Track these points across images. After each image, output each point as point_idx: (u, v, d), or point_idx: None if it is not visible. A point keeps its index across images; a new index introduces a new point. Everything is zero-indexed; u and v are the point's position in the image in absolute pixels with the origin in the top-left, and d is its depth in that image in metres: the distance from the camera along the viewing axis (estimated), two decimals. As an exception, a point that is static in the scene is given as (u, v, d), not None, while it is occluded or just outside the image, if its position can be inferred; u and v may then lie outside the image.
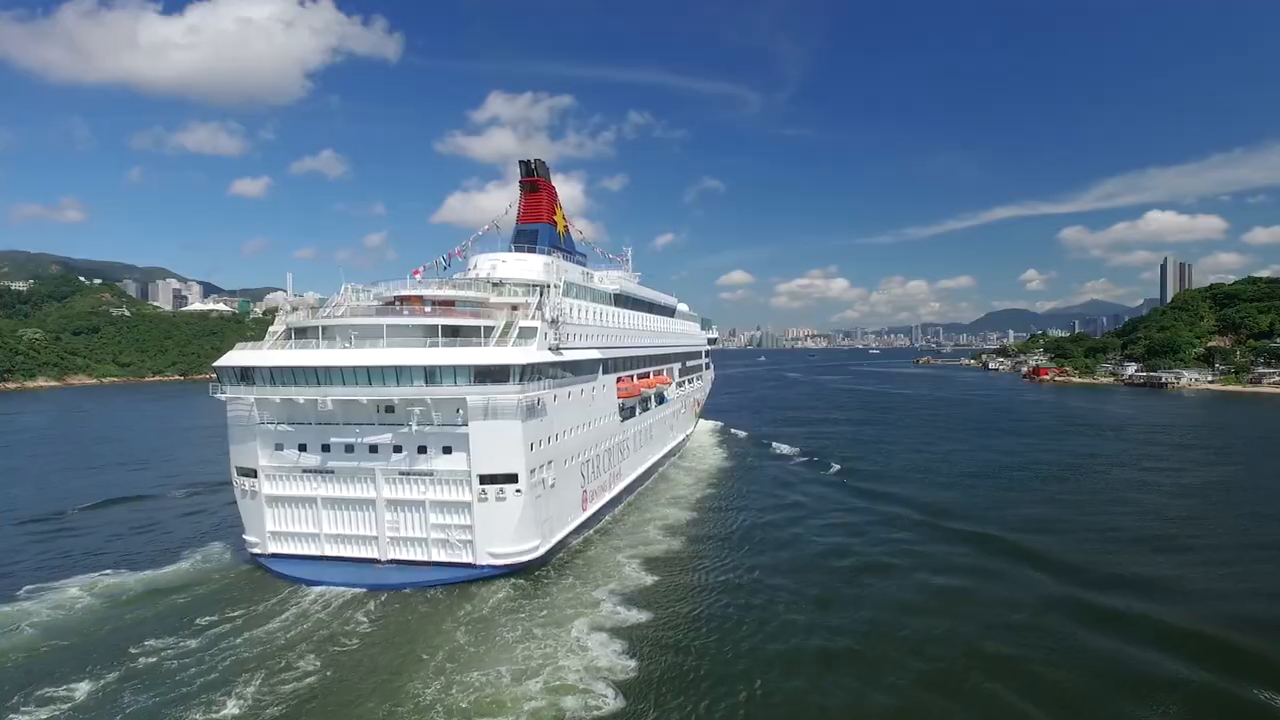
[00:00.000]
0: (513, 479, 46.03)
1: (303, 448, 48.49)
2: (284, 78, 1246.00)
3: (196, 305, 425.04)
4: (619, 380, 68.50)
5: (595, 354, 60.56)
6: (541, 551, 48.18)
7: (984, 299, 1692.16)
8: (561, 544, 51.52)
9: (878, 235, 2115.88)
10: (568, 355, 53.34)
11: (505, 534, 46.28)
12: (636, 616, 40.24)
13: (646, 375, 79.74)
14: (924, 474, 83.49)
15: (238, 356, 49.14)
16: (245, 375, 48.08)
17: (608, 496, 62.44)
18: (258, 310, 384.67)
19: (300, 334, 51.08)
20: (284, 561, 48.18)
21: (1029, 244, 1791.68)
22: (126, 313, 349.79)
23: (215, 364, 49.48)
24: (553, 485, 49.95)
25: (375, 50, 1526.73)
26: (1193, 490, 75.21)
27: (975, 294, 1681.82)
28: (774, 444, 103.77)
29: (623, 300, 75.36)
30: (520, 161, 71.77)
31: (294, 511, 49.15)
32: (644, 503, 68.18)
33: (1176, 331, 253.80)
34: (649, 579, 46.61)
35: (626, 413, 70.00)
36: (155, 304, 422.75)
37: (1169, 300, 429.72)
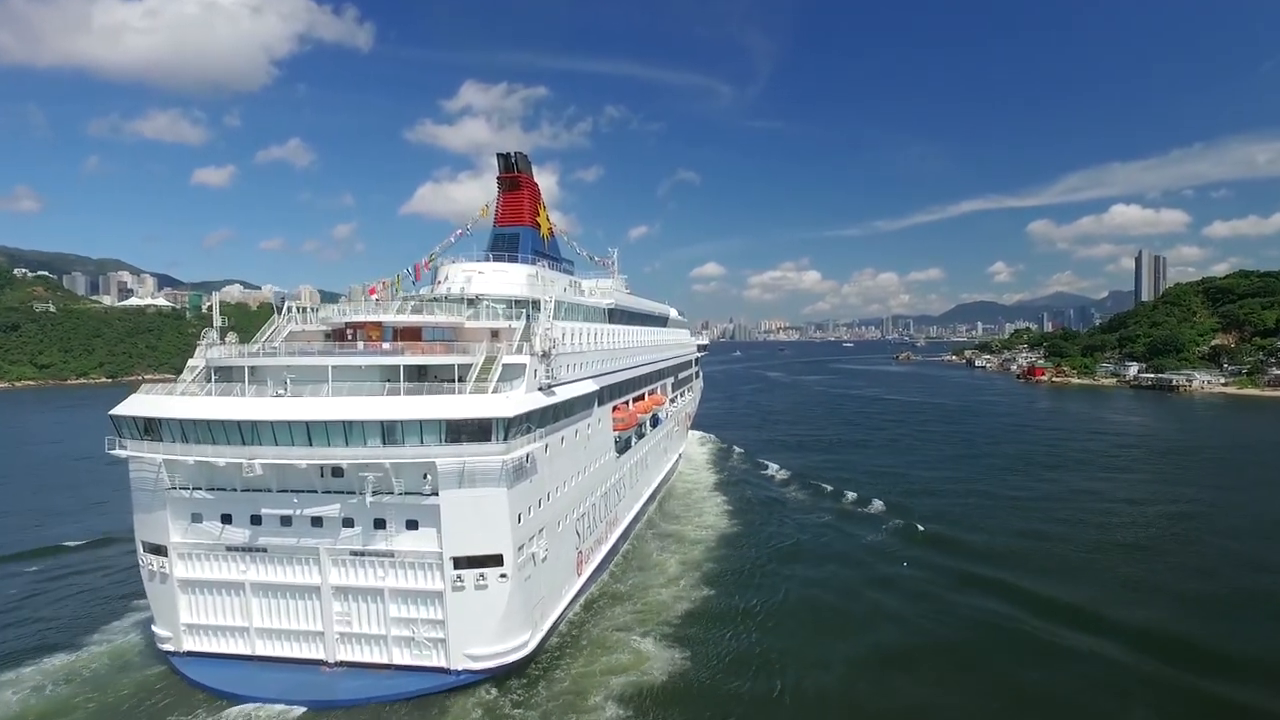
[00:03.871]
0: (496, 560, 36.35)
1: (227, 519, 38.19)
2: (250, 65, 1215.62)
3: (134, 300, 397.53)
4: (614, 409, 58.95)
5: (591, 385, 50.81)
6: (532, 647, 38.57)
7: (953, 291, 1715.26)
8: (554, 627, 42.02)
9: (849, 228, 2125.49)
10: (561, 394, 43.53)
11: (487, 630, 36.61)
12: None
13: (641, 398, 70.27)
14: (1017, 530, 65.17)
15: (140, 404, 38.56)
16: (150, 428, 37.55)
17: (604, 550, 53.05)
18: (206, 306, 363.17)
19: (224, 374, 40.58)
20: (203, 664, 37.99)
21: (997, 237, 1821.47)
22: (52, 308, 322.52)
23: (111, 412, 38.81)
24: (544, 559, 40.27)
25: (345, 39, 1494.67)
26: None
27: (944, 286, 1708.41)
28: (795, 481, 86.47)
29: (617, 315, 65.76)
30: (499, 155, 61.46)
31: (216, 600, 38.88)
32: (645, 557, 58.06)
33: (1175, 328, 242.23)
34: (665, 665, 38.38)
35: (622, 445, 60.51)
36: (98, 298, 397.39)
37: (1145, 294, 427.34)
